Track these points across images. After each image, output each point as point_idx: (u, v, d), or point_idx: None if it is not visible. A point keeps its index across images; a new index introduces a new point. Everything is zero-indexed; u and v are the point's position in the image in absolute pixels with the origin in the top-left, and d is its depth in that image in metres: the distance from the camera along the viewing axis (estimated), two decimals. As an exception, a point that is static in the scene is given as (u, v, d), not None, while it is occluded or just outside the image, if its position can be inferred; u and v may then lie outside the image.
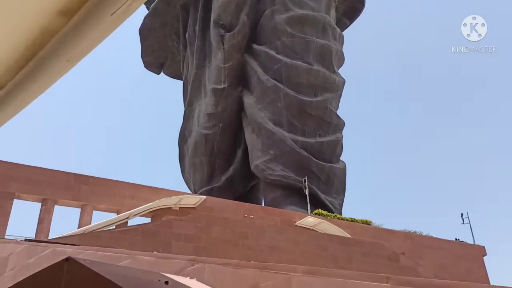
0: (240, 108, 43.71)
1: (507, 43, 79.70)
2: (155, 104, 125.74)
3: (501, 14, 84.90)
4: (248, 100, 42.34)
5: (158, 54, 57.55)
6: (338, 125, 41.39)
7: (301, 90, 40.21)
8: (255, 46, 44.13)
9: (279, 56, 41.74)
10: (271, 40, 43.28)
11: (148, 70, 58.61)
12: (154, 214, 26.61)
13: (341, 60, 46.84)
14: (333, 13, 48.74)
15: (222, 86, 42.83)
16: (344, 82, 43.71)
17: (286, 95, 39.61)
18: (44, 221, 24.89)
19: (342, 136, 41.65)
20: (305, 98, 39.74)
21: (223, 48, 43.37)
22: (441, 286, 4.83)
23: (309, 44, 42.88)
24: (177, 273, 7.91)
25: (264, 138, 39.01)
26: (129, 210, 25.43)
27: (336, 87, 42.42)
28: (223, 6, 44.52)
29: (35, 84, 2.44)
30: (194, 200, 28.30)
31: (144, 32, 54.58)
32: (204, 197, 29.12)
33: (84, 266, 2.96)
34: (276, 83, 40.28)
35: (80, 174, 26.58)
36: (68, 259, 3.08)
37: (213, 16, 44.65)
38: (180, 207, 27.46)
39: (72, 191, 25.62)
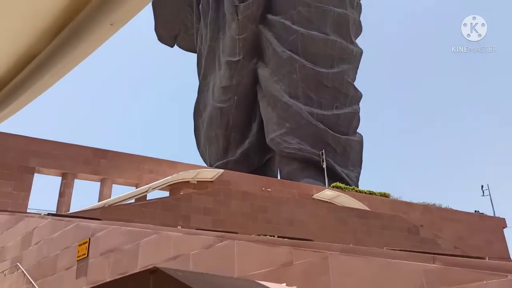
0: (255, 80, 43.06)
1: (507, 43, 77.85)
2: (170, 77, 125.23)
3: (501, 14, 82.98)
4: (263, 73, 41.65)
5: (171, 26, 56.71)
6: (355, 97, 40.61)
7: (318, 62, 39.34)
8: (270, 16, 43.02)
9: (295, 27, 40.68)
10: (287, 10, 42.11)
11: (162, 43, 57.94)
12: (172, 187, 26.70)
13: (358, 29, 45.55)
14: (350, -20, 47.07)
15: (237, 58, 42.12)
16: (361, 52, 42.61)
17: (302, 66, 38.80)
18: (65, 195, 25.16)
19: (359, 108, 40.91)
20: (322, 70, 38.90)
21: (238, 19, 42.42)
22: (493, 268, 4.53)
23: (325, 14, 41.66)
24: (205, 249, 7.76)
25: (280, 111, 38.52)
26: (147, 184, 25.53)
27: (353, 58, 41.40)
28: (238, -24, 43.26)
29: (74, 50, 2.14)
30: (211, 173, 28.27)
31: (157, 3, 53.66)
32: (222, 170, 29.06)
33: (174, 279, 2.66)
34: (292, 54, 39.42)
35: (99, 149, 26.65)
36: (154, 271, 2.76)
37: (227, -14, 43.50)
38: (197, 181, 27.48)
39: (92, 165, 25.75)
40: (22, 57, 2.37)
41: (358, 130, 41.21)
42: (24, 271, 13.27)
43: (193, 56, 53.83)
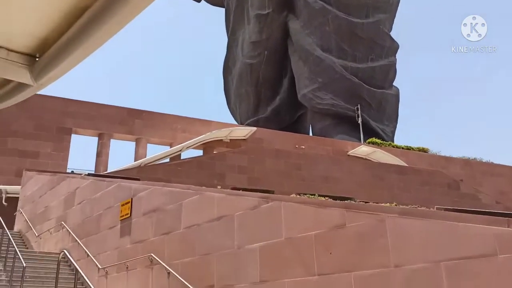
0: (286, 34, 41.82)
1: (507, 43, 73.96)
2: (200, 34, 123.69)
3: (501, 14, 78.58)
4: (294, 26, 40.27)
5: (198, -20, 55.24)
6: (391, 48, 38.91)
7: (351, 12, 37.59)
8: (300, -35, 41.06)
9: (327, -25, 38.73)
10: (318, -43, 39.99)
11: (188, -2, 56.74)
12: (206, 146, 26.83)
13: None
14: None
15: (266, 11, 40.78)
16: (398, 0, 40.37)
17: (335, 17, 37.21)
18: (102, 154, 25.72)
19: (396, 59, 39.28)
20: (356, 20, 37.22)
21: (267, -31, 40.76)
22: None
23: (359, -40, 39.38)
24: (250, 210, 7.64)
25: (312, 65, 37.46)
26: (181, 143, 25.71)
27: (390, 7, 39.33)
28: None
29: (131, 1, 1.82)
30: (244, 131, 28.14)
31: (182, -43, 52.11)
32: (254, 128, 28.86)
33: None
34: (324, 5, 37.77)
35: (133, 109, 26.85)
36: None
37: None
38: (230, 139, 27.47)
39: (126, 126, 26.07)
40: (72, 11, 2.08)
41: (394, 83, 39.80)
42: (69, 230, 13.74)
43: (222, 12, 52.52)
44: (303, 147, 28.41)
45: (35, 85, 2.54)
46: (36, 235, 15.55)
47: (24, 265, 10.20)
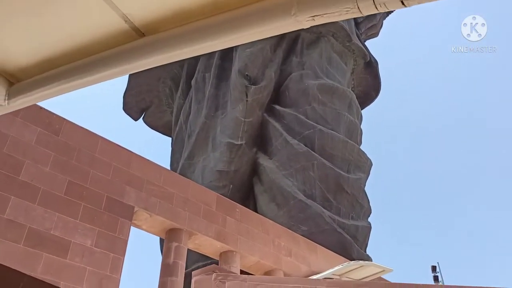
0: (252, 172, 38.04)
1: (507, 43, 77.20)
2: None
3: (501, 14, 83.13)
4: (267, 164, 36.89)
5: (143, 97, 51.32)
6: (367, 211, 37.02)
7: (336, 164, 35.88)
8: (278, 107, 40.15)
9: (311, 122, 37.83)
10: (299, 104, 39.70)
11: (125, 113, 51.49)
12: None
13: (361, 141, 44.12)
14: (350, 93, 47.03)
15: (239, 142, 37.25)
16: (371, 164, 40.42)
17: (322, 165, 34.96)
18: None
19: (371, 225, 37.10)
20: (342, 173, 35.34)
21: (246, 101, 38.80)
22: None
23: (339, 117, 40.00)
24: None
25: (293, 210, 33.13)
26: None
27: (367, 168, 38.90)
28: (251, 57, 40.99)
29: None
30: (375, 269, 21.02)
31: (136, 72, 48.40)
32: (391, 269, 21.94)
33: None
34: (309, 149, 35.70)
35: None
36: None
37: (238, 65, 40.64)
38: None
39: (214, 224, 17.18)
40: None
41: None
42: None
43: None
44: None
45: (6, 106, 2.41)
46: None
47: None
